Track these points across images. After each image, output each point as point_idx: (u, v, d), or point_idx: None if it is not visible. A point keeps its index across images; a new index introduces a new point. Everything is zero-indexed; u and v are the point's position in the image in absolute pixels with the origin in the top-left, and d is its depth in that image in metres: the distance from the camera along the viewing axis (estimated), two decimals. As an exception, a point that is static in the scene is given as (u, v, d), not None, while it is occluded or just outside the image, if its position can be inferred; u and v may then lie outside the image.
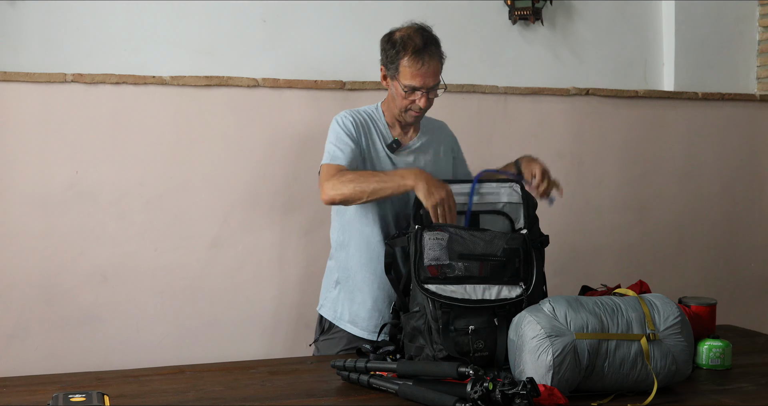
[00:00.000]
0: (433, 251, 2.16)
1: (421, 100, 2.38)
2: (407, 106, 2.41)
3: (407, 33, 2.39)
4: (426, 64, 2.35)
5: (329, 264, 2.58)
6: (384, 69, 2.43)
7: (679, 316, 2.01)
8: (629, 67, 3.61)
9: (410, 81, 2.36)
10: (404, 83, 2.37)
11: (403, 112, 2.43)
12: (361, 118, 2.46)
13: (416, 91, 2.37)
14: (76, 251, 2.88)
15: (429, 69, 2.36)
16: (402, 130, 2.50)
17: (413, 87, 2.36)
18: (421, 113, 2.43)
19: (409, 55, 2.35)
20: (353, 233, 2.46)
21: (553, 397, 1.82)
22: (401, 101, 2.40)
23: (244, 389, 2.05)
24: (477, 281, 2.15)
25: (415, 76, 2.35)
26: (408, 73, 2.36)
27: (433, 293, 2.12)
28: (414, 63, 2.35)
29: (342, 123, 2.43)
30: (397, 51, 2.37)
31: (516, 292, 2.16)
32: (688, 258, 3.68)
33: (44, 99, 2.82)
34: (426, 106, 2.41)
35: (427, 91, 2.38)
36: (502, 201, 2.30)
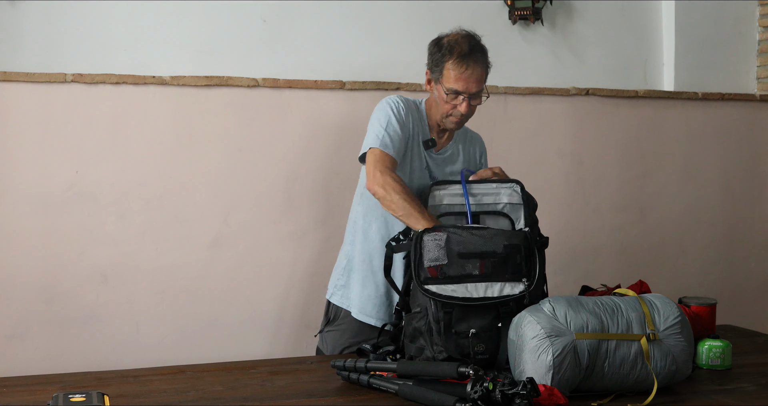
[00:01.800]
0: (432, 252, 2.15)
1: (462, 106, 2.40)
2: (449, 111, 2.42)
3: (455, 38, 2.42)
4: (470, 68, 2.37)
5: (342, 252, 2.58)
6: (429, 73, 2.46)
7: (679, 316, 2.01)
8: (629, 67, 3.61)
9: (453, 84, 2.38)
10: (447, 87, 2.38)
11: (444, 118, 2.45)
12: (411, 105, 2.48)
13: (459, 95, 2.39)
14: (76, 251, 2.88)
15: (473, 74, 2.38)
16: (438, 134, 2.52)
17: (456, 91, 2.38)
18: (461, 120, 2.44)
19: (454, 58, 2.37)
20: (376, 217, 2.47)
21: (553, 397, 1.82)
22: (443, 106, 2.42)
23: (244, 389, 2.05)
24: (478, 279, 2.14)
25: (459, 79, 2.37)
26: (452, 77, 2.38)
27: (433, 293, 2.12)
28: (458, 67, 2.37)
29: (395, 108, 2.43)
30: (443, 54, 2.39)
31: (519, 288, 2.14)
32: (688, 258, 3.68)
33: (44, 99, 2.82)
34: (467, 113, 2.42)
35: (469, 97, 2.39)
36: (503, 202, 2.30)
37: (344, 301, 2.52)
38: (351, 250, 2.53)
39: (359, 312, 2.48)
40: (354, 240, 2.52)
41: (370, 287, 2.47)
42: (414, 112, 2.47)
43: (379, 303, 2.46)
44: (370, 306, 2.47)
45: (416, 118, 2.47)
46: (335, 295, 2.55)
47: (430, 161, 2.47)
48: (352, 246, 2.53)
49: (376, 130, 2.39)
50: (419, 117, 2.49)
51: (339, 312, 2.53)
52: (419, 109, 2.50)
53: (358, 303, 2.49)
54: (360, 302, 2.48)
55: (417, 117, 2.48)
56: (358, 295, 2.49)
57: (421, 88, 3.24)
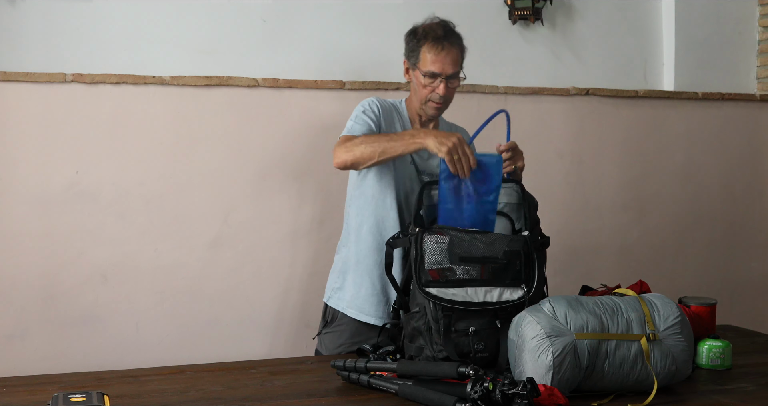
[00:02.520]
0: (434, 255, 2.15)
1: (440, 88, 2.43)
2: (427, 95, 2.45)
3: (429, 25, 2.49)
4: (446, 50, 2.43)
5: (337, 255, 2.59)
6: (407, 61, 2.50)
7: (679, 316, 2.01)
8: (629, 67, 3.61)
9: (430, 67, 2.43)
10: (424, 70, 2.43)
11: (424, 104, 2.47)
12: (387, 105, 2.51)
13: (436, 78, 2.43)
14: (76, 251, 2.88)
15: (448, 56, 2.43)
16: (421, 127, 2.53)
17: (433, 73, 2.43)
18: (441, 104, 2.47)
19: (429, 41, 2.44)
20: (368, 216, 2.48)
21: (553, 397, 1.82)
22: (422, 91, 2.46)
23: (244, 389, 2.05)
24: (478, 284, 2.15)
25: (435, 62, 2.42)
26: (428, 60, 2.43)
27: (434, 296, 2.12)
28: (433, 49, 2.43)
29: (368, 106, 2.48)
30: (418, 40, 2.46)
31: (518, 294, 2.16)
32: (688, 258, 3.68)
33: (44, 99, 2.82)
34: (445, 95, 2.45)
35: (446, 79, 2.43)
36: (503, 202, 2.30)
37: (340, 303, 2.52)
38: (346, 252, 2.54)
39: (358, 312, 2.48)
40: (348, 242, 2.54)
41: (365, 285, 2.48)
42: (390, 112, 2.50)
43: (376, 301, 2.47)
44: (367, 305, 2.48)
45: (394, 116, 2.50)
46: (332, 298, 2.56)
47: (414, 155, 2.49)
48: (347, 248, 2.54)
49: (347, 124, 2.46)
50: (398, 115, 2.52)
51: (336, 314, 2.53)
52: (398, 108, 2.54)
53: (355, 303, 2.49)
54: (357, 301, 2.49)
55: (395, 115, 2.51)
56: (354, 295, 2.49)
57: (421, 88, 3.24)
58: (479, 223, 2.25)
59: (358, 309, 2.48)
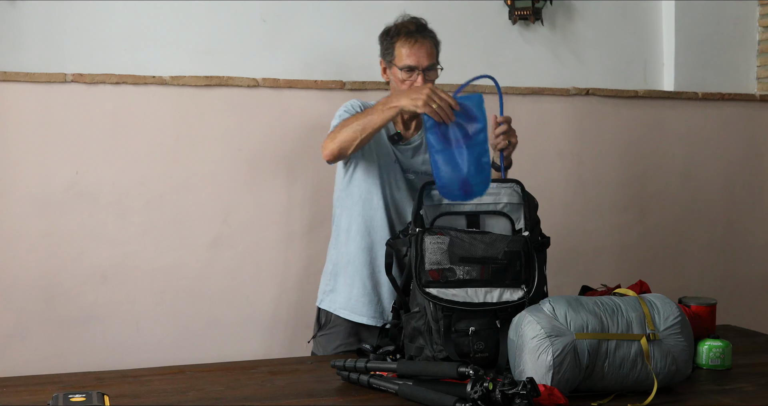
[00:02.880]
0: (434, 255, 2.15)
1: (418, 81, 2.44)
2: None
3: (401, 22, 2.52)
4: (419, 42, 2.46)
5: (328, 258, 2.61)
6: (383, 61, 2.52)
7: (679, 316, 2.01)
8: (629, 67, 3.61)
9: (406, 61, 2.45)
10: (400, 65, 2.45)
11: None
12: (369, 106, 2.50)
13: (413, 71, 2.44)
14: (76, 251, 2.88)
15: (422, 48, 2.46)
16: (403, 126, 2.55)
17: (409, 66, 2.44)
18: None
19: (402, 37, 2.47)
20: (356, 216, 2.50)
21: (553, 397, 1.82)
22: (401, 87, 2.46)
23: (244, 389, 2.05)
24: (478, 285, 2.15)
25: (410, 55, 2.45)
26: (403, 55, 2.46)
27: (434, 296, 2.13)
28: (406, 43, 2.46)
29: (350, 107, 2.50)
30: (392, 37, 2.49)
31: (518, 294, 2.16)
32: (688, 258, 3.68)
33: (44, 99, 2.82)
34: None
35: (423, 71, 2.45)
36: (503, 202, 2.30)
37: (333, 305, 2.54)
38: (335, 254, 2.56)
39: (351, 313, 2.50)
40: (337, 244, 2.56)
41: (357, 286, 2.50)
42: None
43: (368, 301, 2.49)
44: (359, 305, 2.50)
45: None
46: (324, 301, 2.58)
47: (399, 154, 2.50)
48: (336, 250, 2.56)
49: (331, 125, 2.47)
50: None
51: (330, 316, 2.55)
52: None
53: (348, 304, 2.51)
54: (350, 302, 2.51)
55: None
56: (346, 296, 2.52)
57: (421, 88, 3.24)
58: (473, 166, 2.24)
59: (351, 310, 2.50)
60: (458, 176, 2.23)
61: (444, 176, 2.24)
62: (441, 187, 2.25)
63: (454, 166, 2.24)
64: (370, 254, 2.48)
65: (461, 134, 2.24)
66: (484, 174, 2.26)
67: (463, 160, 2.24)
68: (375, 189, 2.48)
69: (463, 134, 2.24)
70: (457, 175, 2.24)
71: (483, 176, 2.26)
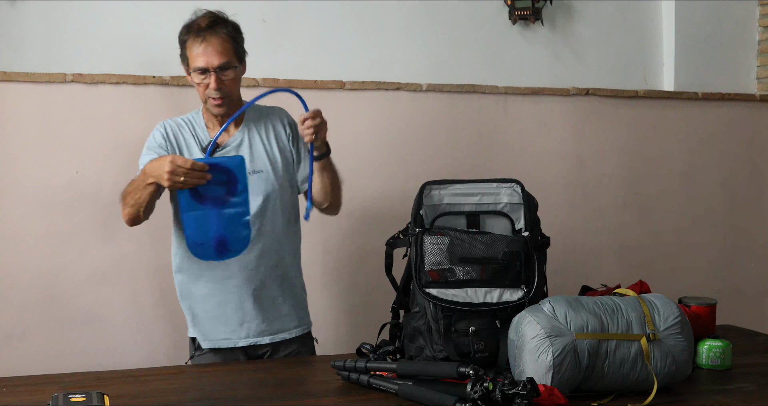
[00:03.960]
0: (434, 256, 2.15)
1: (211, 82, 2.32)
2: (205, 93, 2.37)
3: (195, 19, 2.37)
4: (207, 41, 2.32)
5: None
6: (183, 64, 2.41)
7: (679, 316, 2.01)
8: (629, 67, 3.61)
9: (196, 63, 2.33)
10: (192, 67, 2.34)
11: (206, 104, 2.40)
12: (173, 125, 2.44)
13: (205, 73, 2.33)
14: (76, 251, 2.88)
15: (210, 46, 2.31)
16: (220, 126, 2.43)
17: (200, 69, 2.33)
18: (221, 101, 2.36)
19: (191, 36, 2.33)
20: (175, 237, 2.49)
21: (553, 397, 1.82)
22: (200, 92, 2.38)
23: (244, 389, 2.05)
24: (478, 285, 2.15)
25: (198, 56, 2.32)
26: (192, 56, 2.34)
27: (434, 296, 2.12)
28: (195, 43, 2.33)
29: (153, 135, 2.43)
30: (183, 38, 2.36)
31: (518, 295, 2.16)
32: (688, 258, 3.68)
33: (44, 99, 2.82)
34: (222, 89, 2.34)
35: (216, 71, 2.33)
36: (503, 202, 2.30)
37: None
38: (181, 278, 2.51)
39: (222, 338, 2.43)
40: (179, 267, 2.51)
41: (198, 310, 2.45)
42: (180, 129, 2.44)
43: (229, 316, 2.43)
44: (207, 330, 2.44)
45: (184, 132, 2.44)
46: None
47: None
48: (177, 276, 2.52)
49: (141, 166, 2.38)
50: (191, 128, 2.44)
51: None
52: (192, 121, 2.46)
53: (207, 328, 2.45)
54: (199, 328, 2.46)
55: (188, 130, 2.44)
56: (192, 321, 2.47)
57: (421, 88, 3.24)
58: (231, 226, 2.19)
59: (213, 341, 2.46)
60: (214, 236, 2.20)
61: (194, 235, 2.21)
62: (193, 245, 2.23)
63: (208, 226, 2.20)
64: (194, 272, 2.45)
65: (222, 192, 2.18)
66: (243, 234, 2.22)
67: (221, 219, 2.19)
68: None
69: (223, 193, 2.18)
70: (212, 234, 2.20)
71: (241, 236, 2.22)
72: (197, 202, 2.19)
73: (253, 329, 2.42)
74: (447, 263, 2.15)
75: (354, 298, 3.19)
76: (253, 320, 2.42)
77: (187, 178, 2.12)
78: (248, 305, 2.41)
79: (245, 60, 2.45)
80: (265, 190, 2.41)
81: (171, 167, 2.12)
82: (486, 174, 3.02)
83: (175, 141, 2.42)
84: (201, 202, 2.19)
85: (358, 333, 3.12)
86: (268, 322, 2.44)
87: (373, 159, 3.20)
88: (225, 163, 2.18)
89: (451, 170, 3.20)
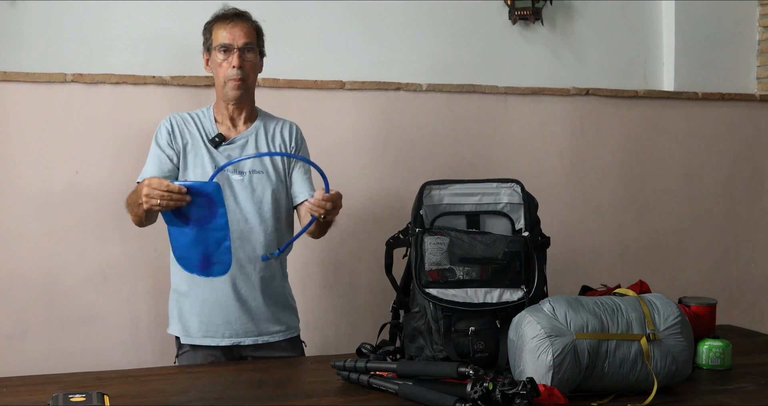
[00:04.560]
0: (434, 256, 2.16)
1: (234, 59, 2.41)
2: (226, 72, 2.42)
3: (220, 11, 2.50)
4: (234, 22, 2.44)
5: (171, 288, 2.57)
6: (204, 52, 2.50)
7: (679, 316, 2.01)
8: (629, 67, 3.61)
9: (222, 40, 2.42)
10: (216, 45, 2.43)
11: (225, 87, 2.44)
12: (179, 119, 2.48)
13: (229, 50, 2.42)
14: (76, 251, 2.88)
15: (237, 26, 2.44)
16: (231, 122, 2.50)
17: (225, 45, 2.42)
18: (241, 83, 2.42)
19: (219, 21, 2.46)
20: None
21: (553, 397, 1.82)
22: (220, 72, 2.44)
23: (244, 389, 2.05)
24: (478, 285, 2.15)
25: (225, 34, 2.43)
26: (219, 35, 2.44)
27: (434, 297, 2.13)
28: (222, 23, 2.44)
29: (159, 130, 2.47)
30: (209, 26, 2.48)
31: (517, 295, 2.16)
32: (688, 258, 3.68)
33: (44, 99, 2.82)
34: (240, 67, 2.41)
35: (240, 50, 2.41)
36: (503, 202, 2.30)
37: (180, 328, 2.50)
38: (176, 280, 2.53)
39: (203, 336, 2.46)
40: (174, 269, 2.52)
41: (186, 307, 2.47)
42: (186, 123, 2.47)
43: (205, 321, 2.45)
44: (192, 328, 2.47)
45: (191, 124, 2.47)
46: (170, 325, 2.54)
47: (218, 156, 2.44)
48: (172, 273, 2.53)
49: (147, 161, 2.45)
50: (199, 121, 2.48)
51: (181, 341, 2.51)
52: (200, 116, 2.50)
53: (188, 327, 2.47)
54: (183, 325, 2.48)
55: (195, 123, 2.47)
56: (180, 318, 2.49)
57: (421, 88, 3.24)
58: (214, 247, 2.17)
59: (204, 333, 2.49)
60: (198, 251, 2.19)
61: (180, 248, 2.21)
62: (179, 257, 2.23)
63: (191, 243, 2.19)
64: None
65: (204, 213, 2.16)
66: (224, 257, 2.20)
67: (203, 239, 2.18)
68: None
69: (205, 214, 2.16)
70: (196, 250, 2.19)
71: (225, 258, 2.20)
72: (181, 220, 2.18)
73: (237, 329, 2.44)
74: (447, 263, 2.15)
75: (354, 298, 3.19)
76: (237, 320, 2.44)
77: (162, 200, 2.11)
78: (234, 305, 2.43)
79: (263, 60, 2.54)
80: (262, 191, 2.43)
81: (147, 191, 2.12)
82: (486, 174, 3.03)
83: (180, 135, 2.45)
84: (185, 221, 2.18)
85: (358, 333, 3.12)
86: (253, 323, 2.45)
87: (373, 159, 3.20)
88: (201, 187, 2.15)
89: (451, 170, 3.20)
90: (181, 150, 2.44)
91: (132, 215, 2.39)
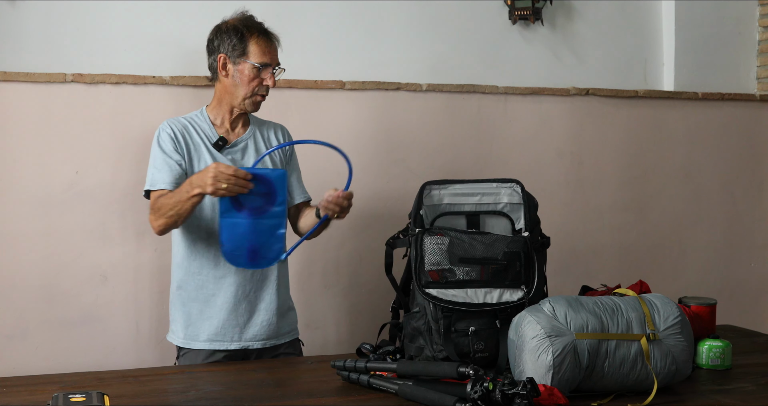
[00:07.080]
0: (434, 256, 2.16)
1: (269, 79, 2.43)
2: (255, 88, 2.43)
3: (243, 19, 2.48)
4: (270, 42, 2.45)
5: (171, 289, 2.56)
6: (225, 57, 2.46)
7: (679, 316, 2.01)
8: (629, 67, 3.61)
9: (262, 58, 2.42)
10: (255, 62, 2.41)
11: (248, 98, 2.45)
12: (178, 124, 2.47)
13: (266, 68, 2.43)
14: (76, 251, 2.88)
15: (272, 46, 2.46)
16: (230, 127, 2.51)
17: (265, 64, 2.42)
18: (262, 99, 2.47)
19: (257, 34, 2.43)
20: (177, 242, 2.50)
21: (553, 397, 1.82)
22: (248, 85, 2.43)
23: (244, 389, 2.05)
24: (478, 285, 2.15)
25: (266, 53, 2.43)
26: (259, 52, 2.42)
27: (434, 297, 2.13)
28: (264, 41, 2.44)
29: (159, 137, 2.45)
30: (242, 34, 2.43)
31: (517, 295, 2.16)
32: (688, 258, 3.68)
33: (44, 99, 2.82)
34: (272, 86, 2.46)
35: (273, 70, 2.44)
36: (503, 202, 2.30)
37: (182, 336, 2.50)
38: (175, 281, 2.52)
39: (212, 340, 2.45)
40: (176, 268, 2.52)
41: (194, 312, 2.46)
42: (186, 128, 2.46)
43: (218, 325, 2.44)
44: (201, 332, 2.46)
45: (191, 130, 2.46)
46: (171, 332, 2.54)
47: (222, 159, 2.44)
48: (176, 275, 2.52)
49: (148, 171, 2.43)
50: (197, 126, 2.48)
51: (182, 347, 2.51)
52: (196, 121, 2.49)
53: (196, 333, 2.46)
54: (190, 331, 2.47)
55: (193, 129, 2.47)
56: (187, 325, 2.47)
57: (421, 88, 3.24)
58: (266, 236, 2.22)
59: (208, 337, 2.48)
60: (247, 244, 2.22)
61: (229, 242, 2.23)
62: (226, 252, 2.25)
63: (243, 234, 2.22)
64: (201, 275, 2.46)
65: (260, 203, 2.21)
66: (278, 245, 2.25)
67: (257, 229, 2.22)
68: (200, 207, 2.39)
69: (261, 203, 2.21)
70: (246, 243, 2.22)
71: (276, 247, 2.25)
72: (236, 210, 2.22)
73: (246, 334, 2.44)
74: (447, 263, 2.16)
75: (354, 298, 3.19)
76: (247, 324, 2.44)
77: (230, 185, 2.16)
78: (244, 308, 2.43)
79: None
80: None
81: (214, 173, 2.17)
82: (486, 174, 3.03)
83: (183, 140, 2.44)
84: (239, 210, 2.23)
85: (358, 333, 3.12)
86: (261, 326, 2.45)
87: (373, 159, 3.20)
88: (267, 174, 2.23)
89: (451, 170, 3.20)
90: (185, 155, 2.43)
91: (165, 218, 2.32)
